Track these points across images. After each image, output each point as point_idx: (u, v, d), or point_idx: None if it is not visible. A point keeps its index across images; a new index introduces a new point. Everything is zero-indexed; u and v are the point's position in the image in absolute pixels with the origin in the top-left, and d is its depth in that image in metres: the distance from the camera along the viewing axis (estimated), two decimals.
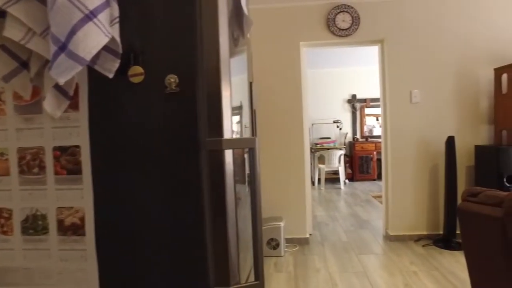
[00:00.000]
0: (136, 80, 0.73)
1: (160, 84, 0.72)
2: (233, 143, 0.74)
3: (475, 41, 3.33)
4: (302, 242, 3.49)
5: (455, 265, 2.81)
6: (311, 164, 6.71)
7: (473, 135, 3.37)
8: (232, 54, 0.98)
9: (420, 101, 3.37)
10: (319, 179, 6.50)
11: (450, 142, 3.18)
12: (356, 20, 3.36)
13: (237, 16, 0.96)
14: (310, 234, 3.73)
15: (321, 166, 6.41)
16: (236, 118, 1.00)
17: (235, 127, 0.99)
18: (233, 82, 1.02)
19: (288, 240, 3.46)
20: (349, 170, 6.98)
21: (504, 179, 2.94)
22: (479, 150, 3.20)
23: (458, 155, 3.35)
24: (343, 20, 3.37)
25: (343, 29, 3.38)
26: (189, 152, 0.71)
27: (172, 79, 0.71)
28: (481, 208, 1.29)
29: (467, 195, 1.43)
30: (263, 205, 3.50)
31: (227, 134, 0.73)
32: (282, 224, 3.22)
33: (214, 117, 0.72)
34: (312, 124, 7.10)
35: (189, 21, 0.73)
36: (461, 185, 3.40)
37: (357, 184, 6.67)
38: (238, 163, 0.92)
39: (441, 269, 2.75)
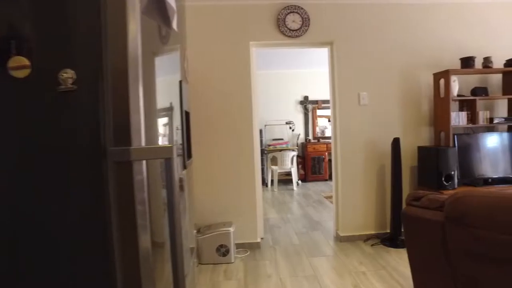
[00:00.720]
0: (19, 74, 0.57)
1: (52, 80, 0.58)
2: (144, 153, 0.61)
3: (417, 47, 3.48)
4: (253, 247, 3.41)
5: (400, 262, 2.89)
6: (264, 165, 6.69)
7: (416, 137, 3.51)
8: (158, 51, 0.85)
9: (368, 103, 3.44)
10: (272, 181, 6.49)
11: (395, 144, 3.28)
12: (306, 21, 3.35)
13: (160, 9, 0.84)
14: (262, 238, 3.67)
15: (273, 167, 6.40)
16: (164, 120, 0.87)
17: (162, 130, 0.86)
18: (162, 82, 0.89)
19: (239, 246, 3.36)
20: (302, 171, 7.06)
21: (443, 178, 3.08)
22: (421, 151, 3.34)
23: (403, 156, 3.48)
24: (293, 21, 3.35)
25: (293, 30, 3.35)
26: (88, 163, 0.57)
27: (67, 75, 0.57)
28: (424, 213, 1.29)
29: (411, 199, 1.42)
30: (212, 210, 3.37)
31: (137, 142, 0.60)
32: (231, 229, 3.10)
33: (121, 122, 0.58)
34: (265, 125, 7.09)
35: (92, 5, 0.60)
36: (406, 185, 3.53)
37: (309, 185, 6.76)
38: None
39: (388, 268, 2.81)
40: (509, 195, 1.12)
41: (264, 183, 6.81)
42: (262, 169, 6.83)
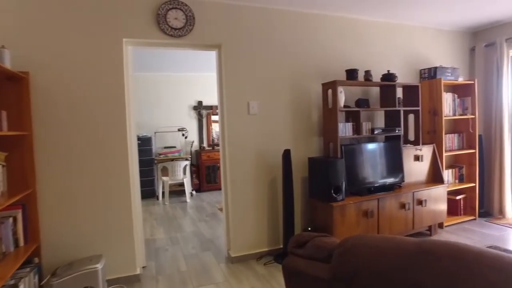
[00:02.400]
0: None
1: None
2: None
3: (307, 57, 3.42)
4: (131, 281, 2.85)
5: None
6: (154, 176, 6.06)
7: (307, 147, 3.45)
8: None
9: (258, 113, 3.23)
10: (163, 193, 5.90)
11: (286, 155, 3.14)
12: (190, 20, 2.96)
13: None
14: (144, 267, 3.13)
15: (164, 178, 5.83)
16: None
17: None
18: None
19: (113, 282, 2.77)
20: (196, 180, 6.64)
21: (332, 190, 3.06)
22: (312, 162, 3.28)
23: (294, 167, 3.37)
24: (175, 18, 2.92)
25: (175, 29, 2.92)
26: None
27: None
28: (308, 266, 1.03)
29: (293, 246, 1.16)
30: (76, 243, 2.70)
31: None
32: (99, 266, 2.51)
33: None
34: (155, 132, 6.45)
35: None
36: (298, 197, 3.44)
37: (204, 195, 6.38)
38: None
39: None
40: (406, 243, 0.92)
41: (154, 196, 6.17)
42: (152, 181, 6.18)
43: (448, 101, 4.00)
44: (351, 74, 3.33)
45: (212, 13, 3.05)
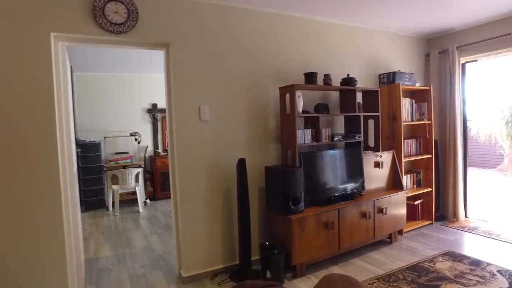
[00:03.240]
0: None
1: None
2: None
3: (264, 58, 3.21)
4: None
5: None
6: (104, 185, 5.59)
7: (264, 155, 3.24)
8: None
9: (210, 119, 2.97)
10: (113, 203, 5.43)
11: (241, 165, 2.90)
12: (133, 15, 2.64)
13: None
14: None
15: (114, 187, 5.37)
16: None
17: None
18: None
19: None
20: (151, 188, 6.22)
21: (290, 202, 2.86)
22: (269, 172, 3.07)
23: (251, 177, 3.14)
24: (115, 12, 2.58)
25: (115, 24, 2.59)
26: None
27: None
28: None
29: None
30: None
31: None
32: None
33: None
34: (104, 137, 5.96)
35: None
36: (255, 208, 3.21)
37: (159, 204, 5.99)
38: None
39: None
40: None
41: (104, 206, 5.69)
42: (102, 190, 5.69)
43: (406, 106, 3.97)
44: (310, 77, 3.17)
45: (159, 8, 2.75)
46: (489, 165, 9.83)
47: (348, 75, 3.46)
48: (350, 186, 3.36)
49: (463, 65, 4.30)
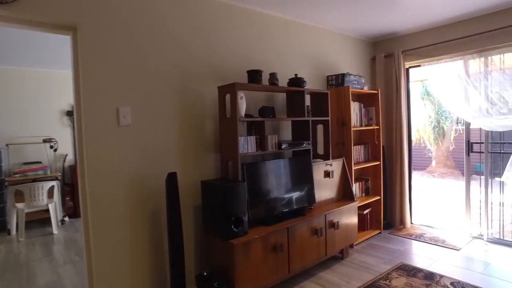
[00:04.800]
0: None
1: None
2: None
3: (201, 52, 2.71)
4: None
5: None
6: (6, 204, 4.59)
7: (200, 168, 2.72)
8: None
9: (132, 124, 2.37)
10: (17, 225, 4.46)
11: (171, 180, 2.35)
12: None
13: None
14: None
15: (19, 205, 4.42)
16: None
17: None
18: None
19: None
20: (71, 203, 5.31)
21: (232, 223, 2.38)
22: (206, 187, 2.56)
23: (184, 193, 2.60)
24: None
25: None
26: None
27: None
28: None
29: None
30: None
31: None
32: None
33: None
34: (7, 144, 4.93)
35: None
36: (190, 230, 2.67)
37: (81, 222, 5.10)
38: None
39: None
40: None
41: (5, 230, 4.67)
42: (3, 210, 4.67)
43: (355, 111, 3.74)
44: (254, 76, 2.73)
45: None
46: (419, 168, 10.34)
47: (296, 75, 3.09)
48: (299, 200, 2.99)
49: (407, 70, 4.21)
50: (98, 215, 2.25)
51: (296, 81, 3.03)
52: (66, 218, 5.14)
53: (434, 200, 6.37)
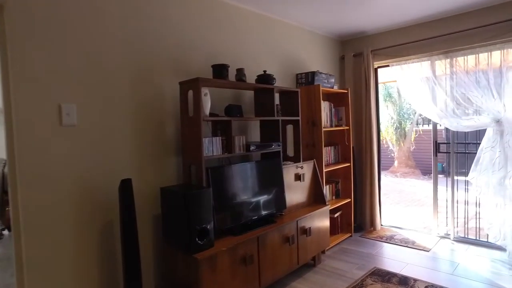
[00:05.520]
0: None
1: None
2: None
3: (162, 43, 2.42)
4: None
5: None
6: None
7: (159, 173, 2.43)
8: None
9: (78, 123, 2.04)
10: None
11: (125, 188, 2.05)
12: None
13: None
14: None
15: None
16: None
17: None
18: None
19: None
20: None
21: (196, 235, 2.12)
22: (166, 195, 2.28)
23: (140, 203, 2.30)
24: None
25: None
26: None
27: None
28: None
29: None
30: None
31: None
32: None
33: None
34: None
35: None
36: (148, 244, 2.37)
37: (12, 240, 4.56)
38: None
39: None
40: None
41: None
42: None
43: (325, 111, 3.60)
44: (220, 71, 2.49)
45: None
46: (383, 168, 10.57)
47: (264, 71, 2.89)
48: (269, 206, 2.78)
49: (376, 70, 4.16)
50: (33, 232, 1.90)
51: (265, 78, 2.82)
52: (6, 232, 4.57)
53: (400, 200, 6.44)
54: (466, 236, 3.81)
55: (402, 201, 6.44)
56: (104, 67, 2.14)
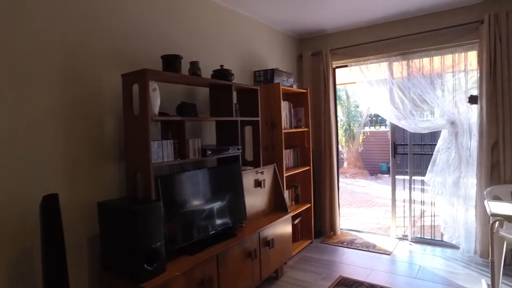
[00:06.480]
0: None
1: None
2: None
3: (101, 28, 2.00)
4: None
5: None
6: None
7: (96, 183, 2.00)
8: None
9: None
10: None
11: (49, 205, 1.61)
12: None
13: None
14: None
15: None
16: None
17: None
18: None
19: None
20: None
21: (144, 261, 1.74)
22: (105, 210, 1.87)
23: (71, 222, 1.87)
24: None
25: None
26: None
27: None
28: None
29: None
30: None
31: None
32: None
33: None
34: None
35: None
36: (82, 272, 1.93)
37: None
38: None
39: None
40: None
41: None
42: None
43: (285, 111, 3.38)
44: (171, 62, 2.13)
45: None
46: None
47: (221, 66, 2.58)
48: (229, 218, 2.47)
49: (334, 70, 4.05)
50: None
51: (223, 73, 2.52)
52: None
53: (352, 201, 6.48)
54: (422, 236, 3.84)
55: (355, 202, 6.48)
56: (25, 51, 1.68)
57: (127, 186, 2.07)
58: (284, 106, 3.35)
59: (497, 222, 2.36)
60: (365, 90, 3.81)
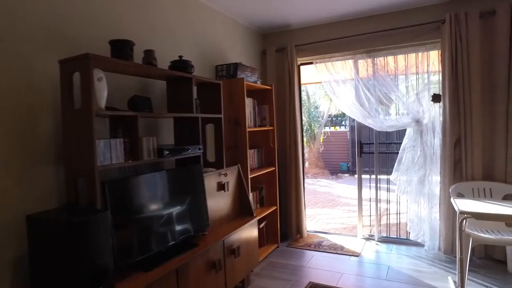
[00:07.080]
0: None
1: None
2: None
3: (34, 5, 1.66)
4: None
5: None
6: None
7: (27, 192, 1.65)
8: None
9: None
10: None
11: None
12: None
13: None
14: None
15: None
16: None
17: None
18: None
19: None
20: None
21: (89, 282, 1.44)
22: (36, 224, 1.54)
23: None
24: None
25: None
26: None
27: None
28: None
29: None
30: None
31: None
32: None
33: None
34: None
35: None
36: None
37: None
38: None
39: None
40: None
41: None
42: None
43: (249, 108, 3.18)
44: (121, 49, 1.84)
45: None
46: None
47: (180, 56, 2.32)
48: (190, 226, 2.21)
49: (299, 66, 3.92)
50: None
51: (182, 65, 2.26)
52: None
53: (316, 202, 6.43)
54: (388, 235, 3.82)
55: (319, 202, 6.44)
56: None
57: (66, 193, 1.74)
58: (248, 103, 3.15)
59: (465, 220, 2.33)
60: (331, 88, 3.71)
